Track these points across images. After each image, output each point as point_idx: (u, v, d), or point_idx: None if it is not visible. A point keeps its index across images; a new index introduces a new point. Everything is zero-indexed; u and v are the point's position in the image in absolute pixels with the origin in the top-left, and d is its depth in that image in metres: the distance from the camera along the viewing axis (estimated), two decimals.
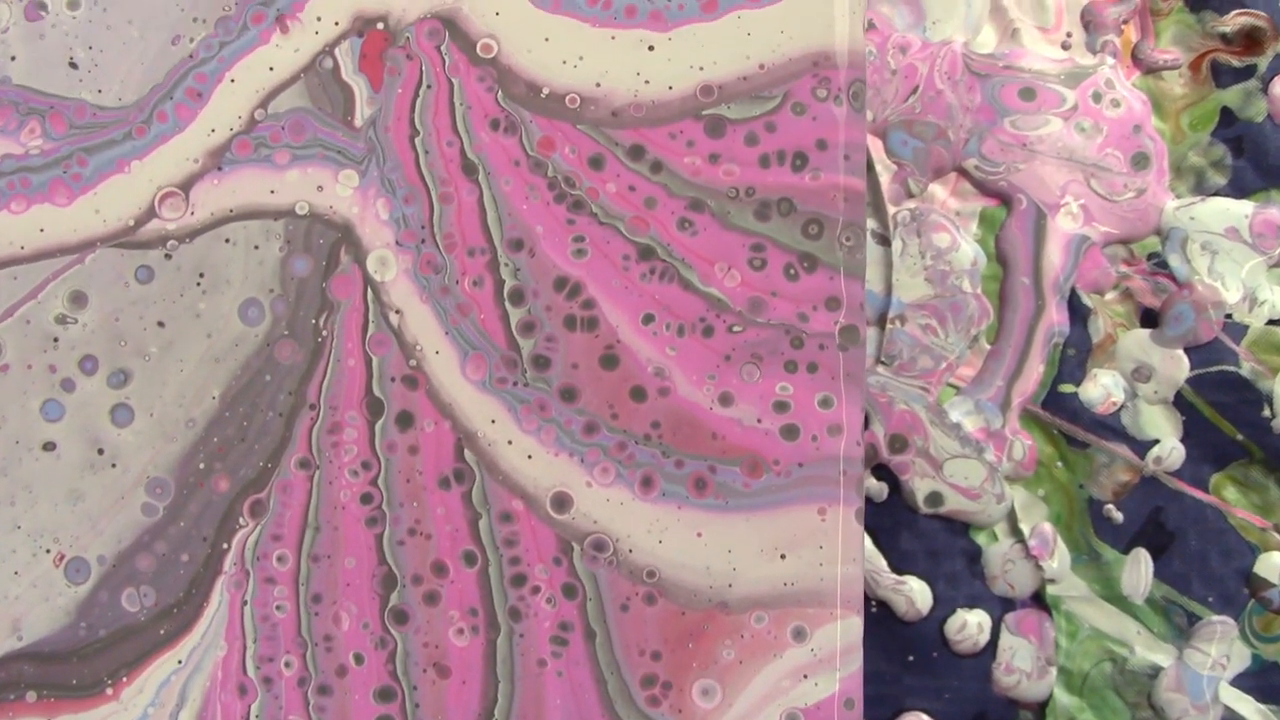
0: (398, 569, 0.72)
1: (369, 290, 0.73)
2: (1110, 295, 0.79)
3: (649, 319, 0.72)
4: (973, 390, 0.78)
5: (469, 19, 0.73)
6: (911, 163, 0.79)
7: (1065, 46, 0.80)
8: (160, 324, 0.73)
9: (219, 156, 0.73)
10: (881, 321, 0.78)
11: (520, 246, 0.73)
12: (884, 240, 0.79)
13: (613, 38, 0.72)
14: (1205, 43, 0.80)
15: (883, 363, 0.78)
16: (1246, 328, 0.78)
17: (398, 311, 0.73)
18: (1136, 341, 0.78)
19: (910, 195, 0.79)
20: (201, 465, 0.73)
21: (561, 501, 0.72)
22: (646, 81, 0.72)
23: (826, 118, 0.72)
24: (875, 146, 0.79)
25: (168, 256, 0.73)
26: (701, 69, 0.72)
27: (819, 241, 0.72)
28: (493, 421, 0.73)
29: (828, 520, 0.71)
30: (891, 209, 0.79)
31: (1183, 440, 0.79)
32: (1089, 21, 0.79)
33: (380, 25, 0.73)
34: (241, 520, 0.73)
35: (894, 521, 0.79)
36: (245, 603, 0.73)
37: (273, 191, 0.73)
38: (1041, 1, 0.80)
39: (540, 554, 0.72)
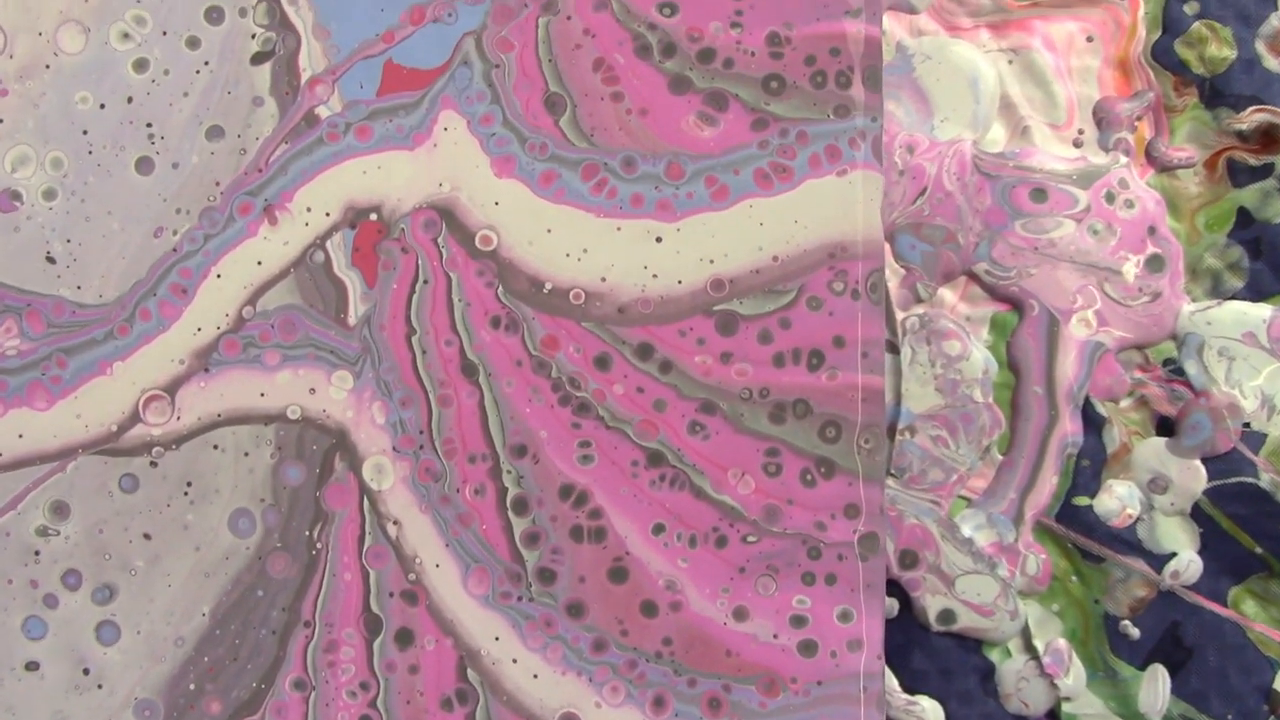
0: None
1: (365, 500, 0.71)
2: (1125, 403, 0.77)
3: (659, 529, 0.71)
4: (985, 503, 0.76)
5: (467, 209, 0.71)
6: (920, 267, 0.77)
7: (1077, 144, 0.78)
8: (146, 536, 0.72)
9: (205, 357, 0.71)
10: (891, 432, 0.76)
11: (523, 452, 0.71)
12: (893, 348, 0.77)
13: (619, 229, 0.71)
14: (1221, 140, 0.79)
15: (892, 475, 0.77)
16: (1265, 437, 0.77)
17: (396, 522, 0.71)
18: (1152, 451, 0.77)
19: (919, 300, 0.77)
20: (192, 686, 0.71)
21: None
22: (654, 275, 0.71)
23: (844, 313, 0.71)
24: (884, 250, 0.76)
25: (153, 464, 0.71)
26: (712, 262, 0.71)
27: (837, 445, 0.71)
28: (496, 639, 0.71)
29: None
30: (900, 315, 0.77)
31: (1200, 553, 0.77)
32: (1101, 118, 0.78)
33: (374, 216, 0.71)
34: None
35: (905, 639, 0.76)
36: None
37: (263, 394, 0.71)
38: (1053, 97, 0.78)
39: None
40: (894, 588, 0.77)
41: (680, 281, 0.71)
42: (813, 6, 0.73)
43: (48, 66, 0.73)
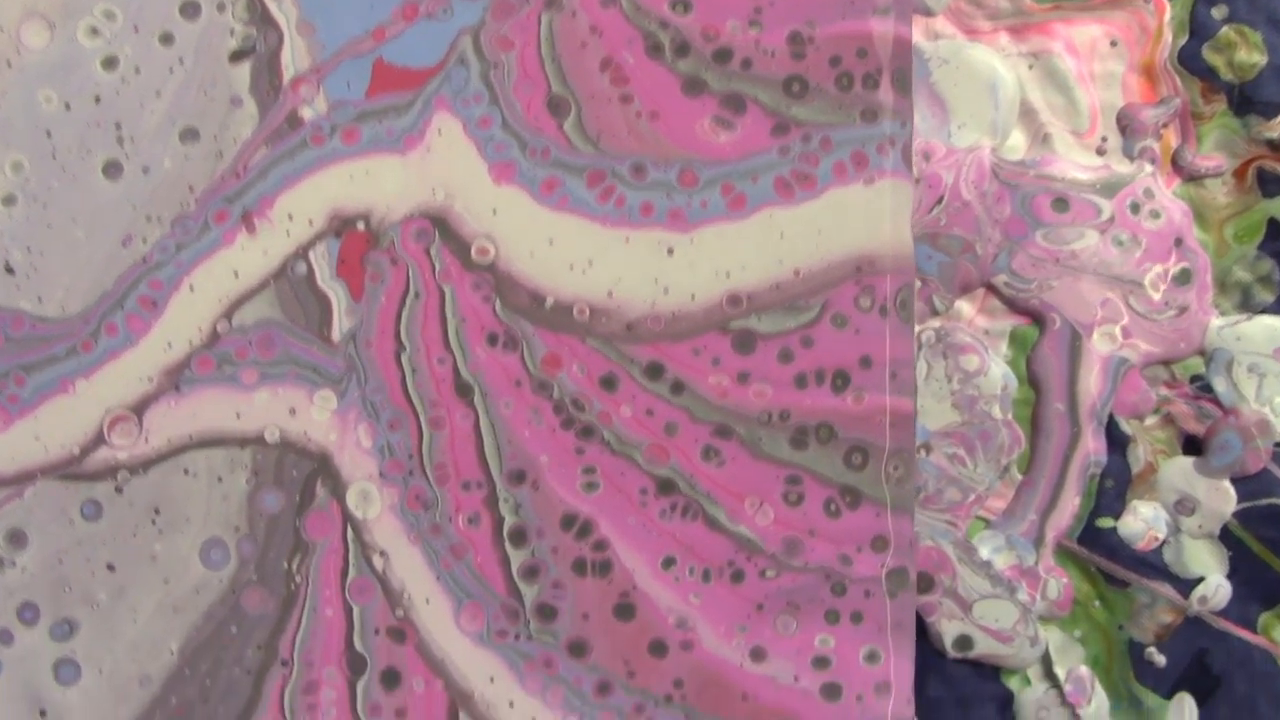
0: None
1: (349, 529, 0.69)
2: (1150, 421, 0.77)
3: (670, 562, 0.68)
4: (1004, 524, 0.75)
5: (462, 218, 0.69)
6: (936, 279, 0.75)
7: (1100, 152, 0.77)
8: (110, 567, 0.69)
9: (176, 375, 0.69)
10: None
11: (522, 479, 0.69)
12: None
13: (627, 240, 0.69)
14: (1251, 149, 0.78)
15: None
16: None
17: (382, 554, 0.69)
18: (1179, 471, 0.76)
19: (935, 313, 0.76)
20: None
21: None
22: (665, 290, 0.69)
23: (871, 331, 0.69)
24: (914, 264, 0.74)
25: (118, 490, 0.69)
26: (728, 275, 0.69)
27: (863, 473, 0.69)
28: (491, 680, 0.69)
29: None
30: (915, 328, 0.74)
31: (1229, 577, 0.76)
32: (1126, 125, 0.77)
33: (361, 225, 0.69)
34: None
35: (920, 666, 0.74)
36: None
37: (239, 415, 0.69)
38: (1075, 104, 0.78)
39: None
40: None
41: (694, 297, 0.69)
42: (838, 4, 0.70)
43: (9, 64, 0.70)
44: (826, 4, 0.70)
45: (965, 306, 0.77)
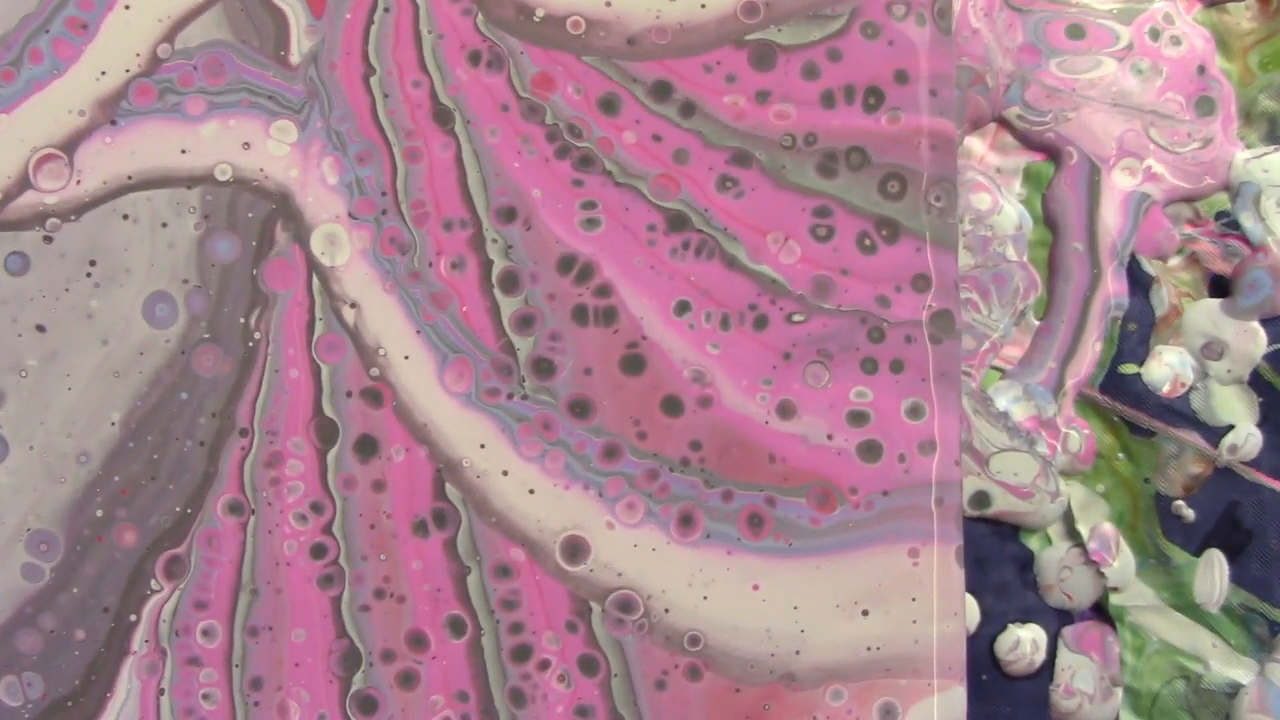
0: (362, 643, 0.65)
1: (315, 278, 0.65)
2: (1174, 261, 0.76)
3: (684, 308, 0.65)
4: (1021, 373, 0.75)
5: None
6: None
7: None
8: (40, 328, 0.65)
9: (112, 108, 0.65)
10: None
11: (512, 216, 0.65)
12: None
13: None
14: None
15: None
16: None
17: (353, 305, 0.65)
18: (1206, 313, 0.75)
19: None
20: (99, 513, 0.65)
21: (575, 549, 0.65)
22: None
23: (905, 42, 0.65)
24: None
25: (47, 239, 0.65)
26: None
27: (900, 202, 0.65)
28: (482, 446, 0.65)
29: (921, 564, 0.65)
30: None
31: (1260, 425, 0.75)
32: None
33: None
34: (154, 584, 0.65)
35: None
36: (162, 691, 0.65)
37: (184, 151, 0.65)
38: None
39: (549, 618, 0.65)
40: None
41: (704, 5, 0.65)
42: None
43: None
44: None
45: (976, 143, 0.76)
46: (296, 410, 0.65)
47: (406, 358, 0.65)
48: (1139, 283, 0.76)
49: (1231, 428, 0.75)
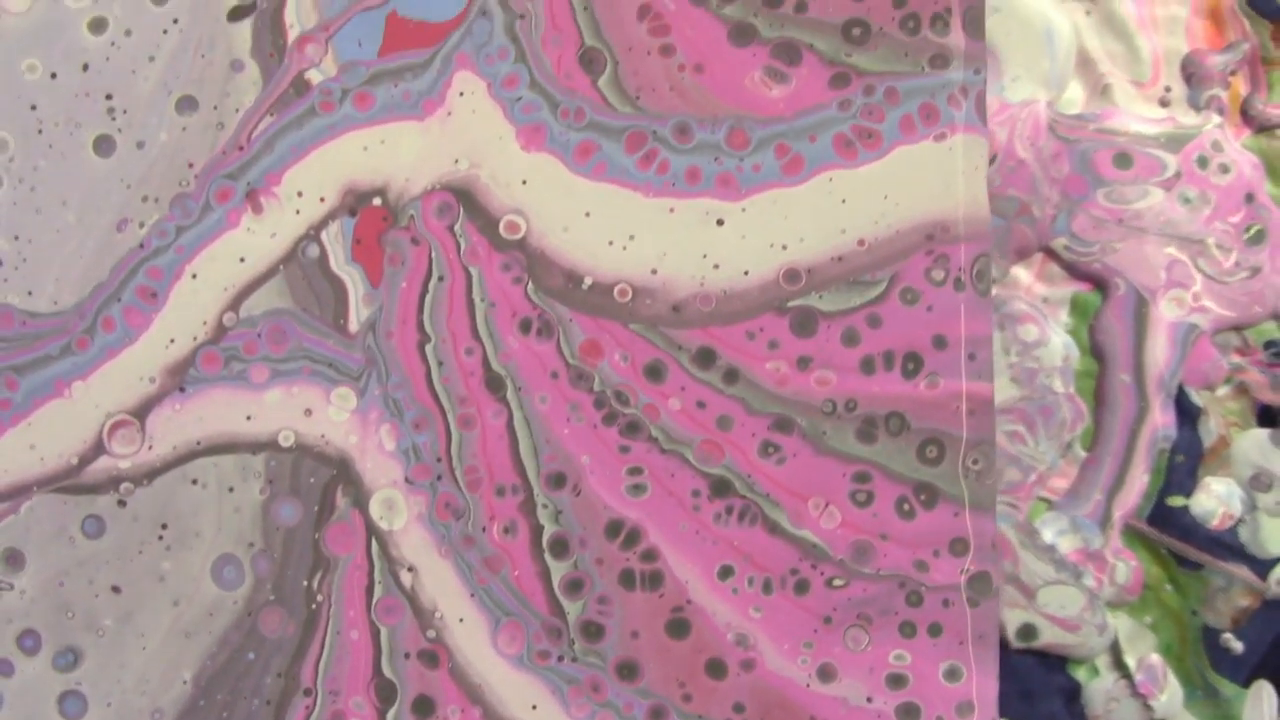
0: None
1: (373, 542, 0.66)
2: (1222, 390, 0.75)
3: (727, 572, 0.65)
4: (1068, 505, 0.74)
5: (488, 190, 0.66)
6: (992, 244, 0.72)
7: (1164, 103, 0.76)
8: (115, 589, 0.67)
9: (181, 374, 0.66)
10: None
11: (562, 483, 0.66)
12: None
13: (671, 210, 0.65)
14: None
15: None
16: None
17: (411, 569, 0.66)
18: (1254, 444, 0.74)
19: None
20: None
21: None
22: (716, 266, 0.65)
23: (945, 307, 0.65)
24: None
25: (121, 504, 0.66)
26: (785, 248, 0.65)
27: (939, 467, 0.65)
28: (534, 707, 0.66)
29: None
30: None
31: None
32: (1191, 74, 0.76)
33: (377, 201, 0.66)
34: None
35: None
36: None
37: (249, 418, 0.66)
38: (1136, 51, 0.75)
39: None
40: None
41: (747, 273, 0.65)
42: None
43: None
44: None
45: (1022, 273, 0.75)
46: (358, 671, 0.66)
47: (461, 620, 0.66)
48: (1186, 414, 0.75)
49: None
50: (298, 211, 0.66)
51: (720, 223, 0.65)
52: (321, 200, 0.66)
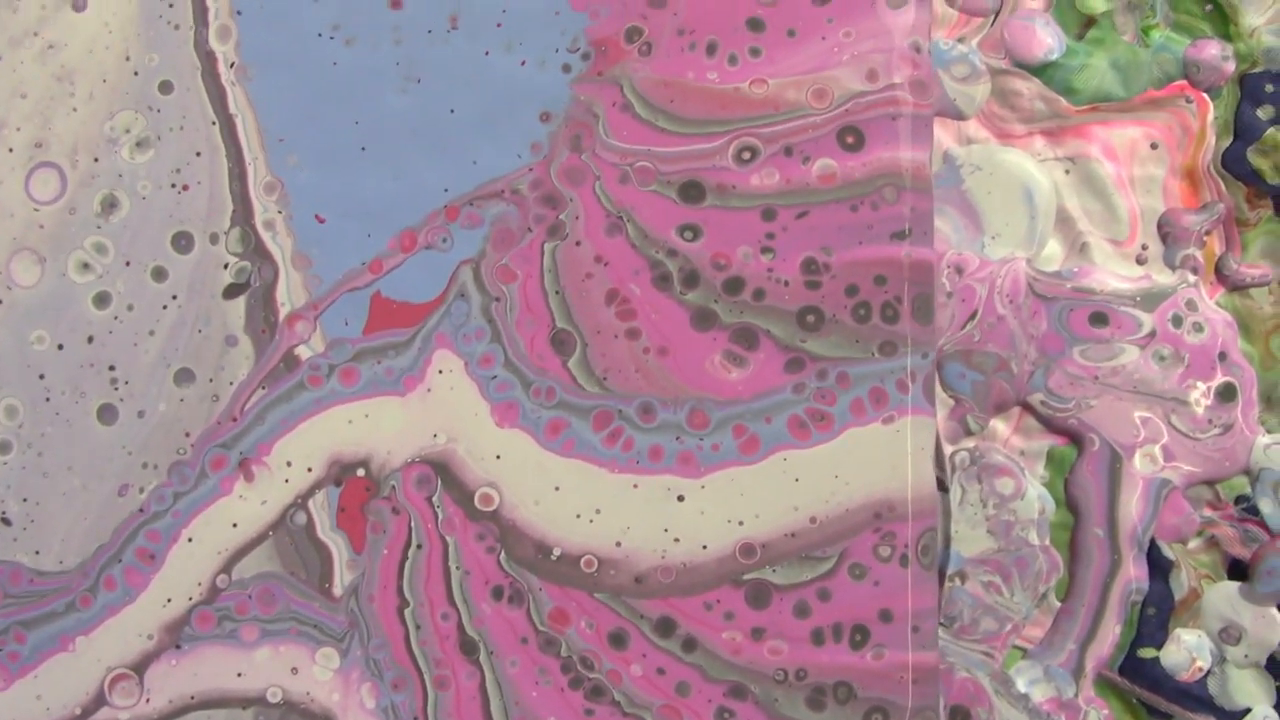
0: None
1: None
2: (1194, 544, 0.74)
3: None
4: (1042, 654, 0.73)
5: (465, 464, 0.68)
6: (970, 398, 0.73)
7: (1140, 261, 0.75)
8: None
9: (177, 632, 0.68)
10: (940, 578, 0.72)
11: None
12: (941, 486, 0.73)
13: (635, 486, 0.67)
14: None
15: (942, 625, 0.73)
16: None
17: None
18: (1224, 597, 0.74)
19: (969, 433, 0.74)
20: None
21: None
22: (676, 539, 0.67)
23: (891, 582, 0.67)
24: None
25: None
26: (741, 524, 0.67)
27: None
28: None
29: None
30: (949, 449, 0.73)
31: (1277, 708, 0.73)
32: (1167, 233, 0.75)
33: (360, 472, 0.68)
34: None
35: None
36: None
37: (240, 675, 0.68)
38: (1114, 210, 0.75)
39: None
40: None
41: (705, 547, 0.67)
42: (855, 229, 0.68)
43: (0, 301, 0.69)
44: (842, 228, 0.68)
45: (1000, 426, 0.75)
46: None
47: None
48: (1158, 567, 0.74)
49: (1248, 711, 0.74)
50: (286, 480, 0.68)
51: (681, 499, 0.67)
52: (309, 470, 0.68)
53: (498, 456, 0.68)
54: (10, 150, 0.70)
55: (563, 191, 0.69)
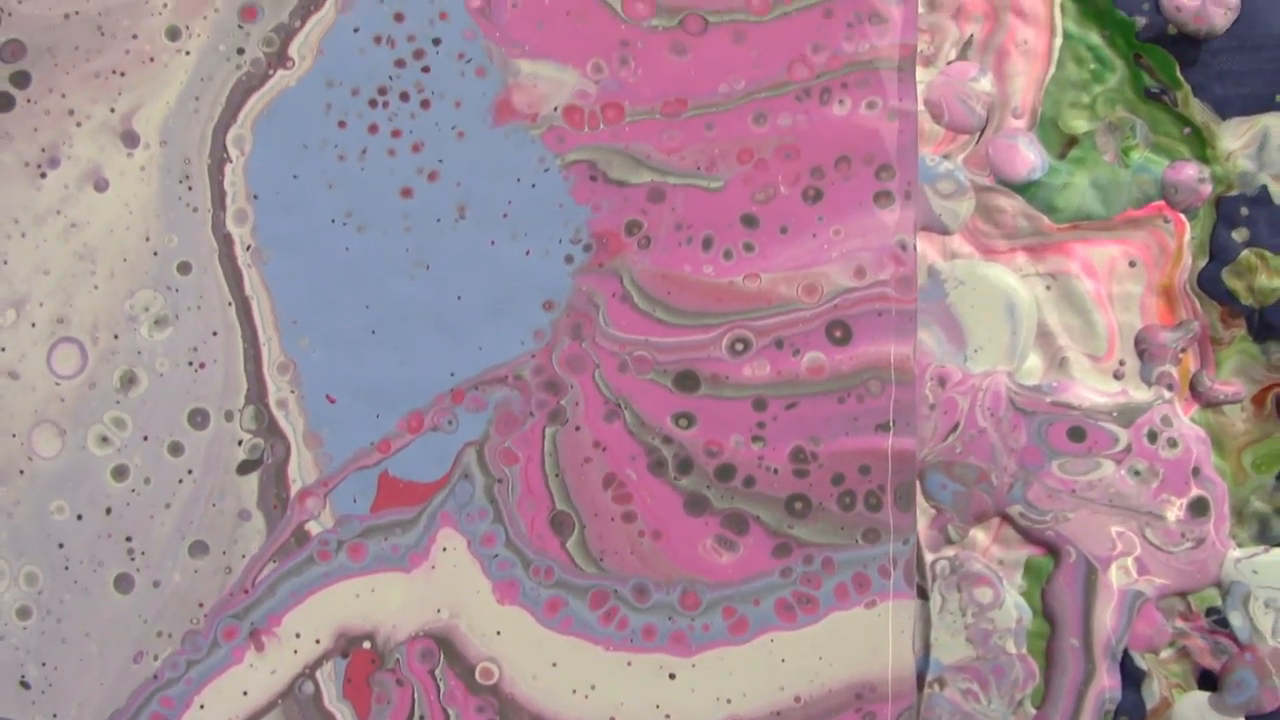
0: None
1: None
2: (1165, 653, 0.75)
3: None
4: None
5: (467, 639, 0.70)
6: (951, 508, 0.75)
7: (1118, 376, 0.75)
8: None
9: None
10: (919, 684, 0.74)
11: None
12: (922, 593, 0.74)
13: (629, 664, 0.69)
14: (1270, 375, 0.77)
15: None
16: None
17: None
18: (1194, 707, 0.74)
19: (950, 542, 0.75)
20: None
21: None
22: (667, 716, 0.69)
23: None
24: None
25: None
26: (729, 701, 0.69)
27: None
28: None
29: None
30: (930, 558, 0.75)
31: None
32: (1144, 349, 0.75)
33: (367, 644, 0.70)
34: None
35: None
36: None
37: None
38: (1092, 326, 0.77)
39: None
40: None
41: None
42: (841, 420, 0.70)
43: (21, 472, 0.72)
44: (830, 419, 0.70)
45: (980, 534, 0.76)
46: None
47: None
48: (1131, 676, 0.74)
49: None
50: (295, 651, 0.70)
51: (672, 676, 0.69)
52: (317, 642, 0.71)
53: (498, 632, 0.70)
54: (33, 325, 0.72)
55: (564, 378, 0.71)
